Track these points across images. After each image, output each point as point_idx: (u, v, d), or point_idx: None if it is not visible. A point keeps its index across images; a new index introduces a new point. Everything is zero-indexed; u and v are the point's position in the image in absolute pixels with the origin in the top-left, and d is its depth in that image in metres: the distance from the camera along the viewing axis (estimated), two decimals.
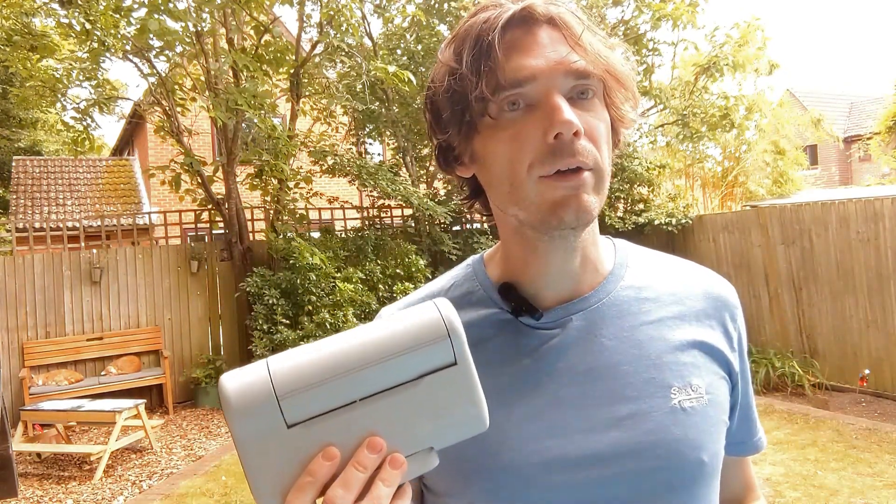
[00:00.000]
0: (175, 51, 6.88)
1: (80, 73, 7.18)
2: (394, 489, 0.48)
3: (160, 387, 7.09)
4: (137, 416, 5.37)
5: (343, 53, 8.02)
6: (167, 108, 7.18)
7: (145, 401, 5.64)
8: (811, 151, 21.88)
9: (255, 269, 7.13)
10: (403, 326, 0.50)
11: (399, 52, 8.77)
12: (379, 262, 7.58)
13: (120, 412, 5.11)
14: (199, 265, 7.49)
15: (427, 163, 9.44)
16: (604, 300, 0.70)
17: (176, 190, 7.13)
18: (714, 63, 9.24)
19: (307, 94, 8.28)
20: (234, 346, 7.56)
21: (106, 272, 7.09)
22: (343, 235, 8.14)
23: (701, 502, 0.67)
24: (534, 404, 0.65)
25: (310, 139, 8.26)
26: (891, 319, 5.77)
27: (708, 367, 0.69)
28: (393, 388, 0.49)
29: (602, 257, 0.73)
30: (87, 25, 6.55)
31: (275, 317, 6.72)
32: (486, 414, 0.52)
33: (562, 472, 0.63)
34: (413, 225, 8.60)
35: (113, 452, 5.20)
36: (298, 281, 6.71)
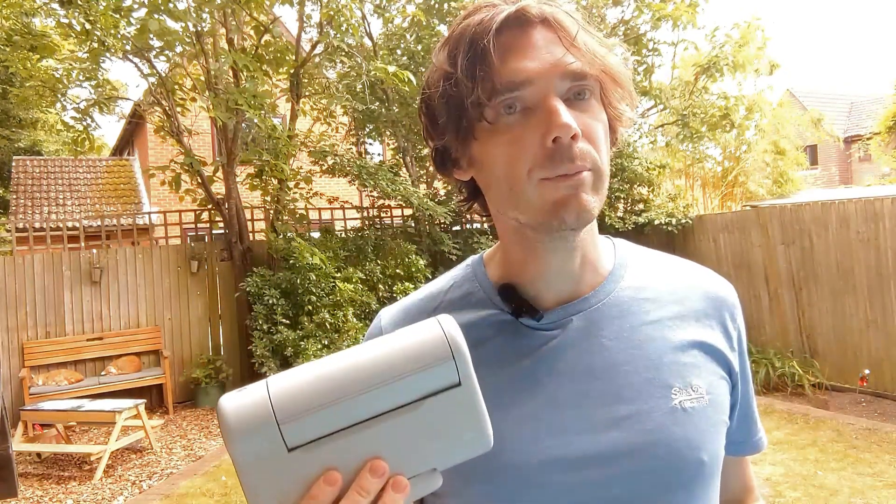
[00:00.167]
0: (175, 51, 6.88)
1: (80, 73, 7.17)
2: None
3: (160, 387, 7.09)
4: (137, 416, 5.38)
5: (343, 53, 8.02)
6: (167, 108, 7.18)
7: (145, 401, 5.64)
8: (811, 151, 21.88)
9: (255, 269, 7.13)
10: (406, 346, 0.49)
11: (399, 52, 8.77)
12: (379, 262, 7.58)
13: (120, 412, 5.11)
14: (199, 265, 7.49)
15: (427, 163, 9.43)
16: (604, 301, 0.70)
17: (176, 190, 7.13)
18: (714, 63, 9.24)
19: (307, 94, 8.28)
20: (234, 346, 7.56)
21: (106, 272, 7.09)
22: (343, 235, 8.14)
23: (701, 502, 0.66)
24: (533, 405, 0.65)
25: (310, 139, 8.26)
26: (891, 319, 5.77)
27: (708, 368, 0.69)
28: (395, 409, 0.48)
29: (602, 257, 0.73)
30: (87, 25, 6.55)
31: (275, 317, 6.72)
32: (491, 434, 0.51)
33: (561, 472, 0.63)
34: (413, 225, 8.60)
35: (113, 452, 5.20)
36: (298, 281, 6.71)
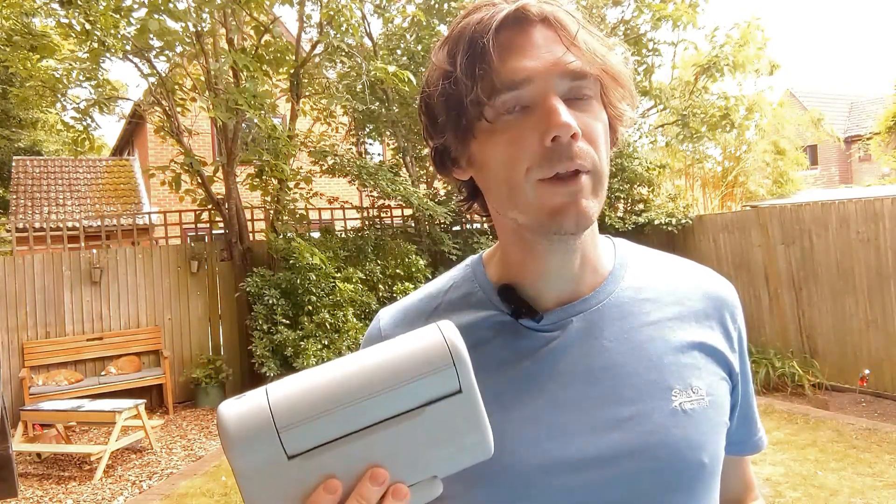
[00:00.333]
0: (175, 51, 6.88)
1: (80, 73, 7.17)
2: None
3: (160, 387, 7.09)
4: (137, 416, 5.37)
5: (343, 53, 8.02)
6: (167, 108, 7.18)
7: (145, 401, 5.64)
8: (811, 151, 21.88)
9: (255, 269, 7.13)
10: (407, 353, 0.49)
11: (399, 52, 8.77)
12: (379, 262, 7.58)
13: (120, 412, 5.11)
14: (199, 265, 7.49)
15: (427, 163, 9.43)
16: (604, 301, 0.70)
17: (176, 190, 7.13)
18: (714, 63, 9.24)
19: (307, 94, 8.28)
20: (234, 346, 7.56)
21: (106, 272, 7.09)
22: (343, 235, 8.14)
23: (701, 503, 0.66)
24: (533, 406, 0.65)
25: (310, 139, 8.26)
26: (891, 319, 5.77)
27: (708, 368, 0.69)
28: (396, 416, 0.48)
29: (602, 258, 0.73)
30: (87, 25, 6.55)
31: (275, 317, 6.72)
32: (492, 441, 0.51)
33: (561, 474, 0.63)
34: (413, 225, 8.60)
35: (113, 452, 5.20)
36: (298, 281, 6.70)
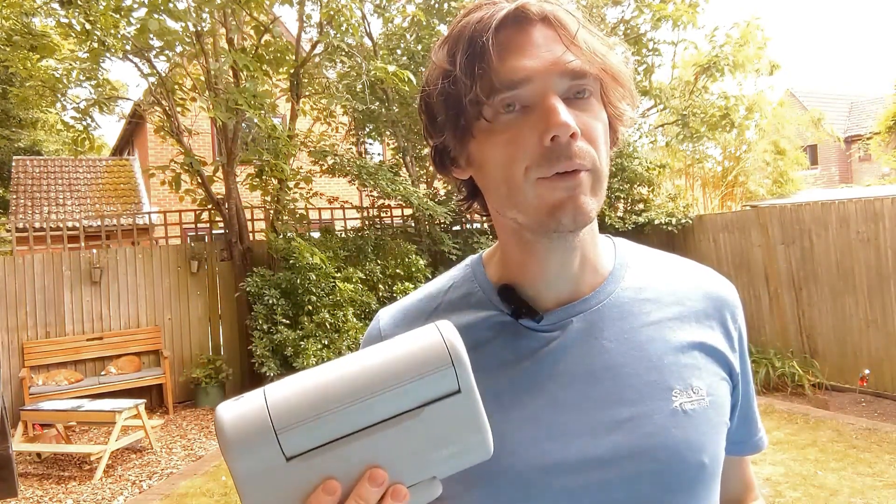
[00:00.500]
0: (175, 51, 6.88)
1: (80, 73, 7.17)
2: None
3: (160, 387, 7.09)
4: (137, 416, 5.37)
5: (343, 53, 8.02)
6: (167, 108, 7.18)
7: (145, 401, 5.64)
8: (811, 151, 21.88)
9: (255, 269, 7.13)
10: (405, 353, 0.49)
11: (399, 52, 8.77)
12: (379, 262, 7.58)
13: (120, 412, 5.11)
14: (199, 265, 7.49)
15: (427, 163, 9.43)
16: (604, 302, 0.69)
17: (176, 190, 7.13)
18: (714, 63, 9.24)
19: (307, 94, 8.28)
20: (234, 346, 7.56)
21: (106, 272, 7.09)
22: (343, 235, 8.14)
23: None
24: (533, 407, 0.65)
25: (310, 139, 8.26)
26: (891, 319, 5.77)
27: (709, 369, 0.69)
28: (394, 417, 0.48)
29: (602, 258, 0.72)
30: (87, 25, 6.55)
31: (275, 317, 6.72)
32: (491, 441, 0.51)
33: (561, 475, 0.62)
34: (413, 225, 8.60)
35: (113, 452, 5.20)
36: (298, 281, 6.70)
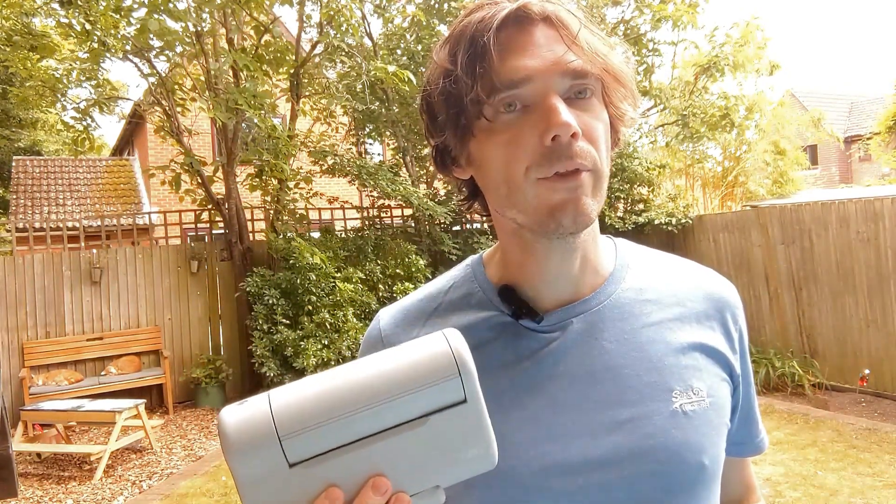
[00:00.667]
0: (175, 51, 6.88)
1: (80, 73, 7.18)
2: None
3: (160, 387, 7.09)
4: (137, 416, 5.37)
5: (343, 53, 8.02)
6: (167, 108, 7.18)
7: (145, 401, 5.64)
8: (811, 151, 21.88)
9: (255, 269, 7.13)
10: (412, 362, 0.48)
11: (399, 52, 8.77)
12: (379, 262, 7.58)
13: (120, 412, 5.11)
14: (199, 265, 7.49)
15: (427, 163, 9.43)
16: (604, 302, 0.69)
17: (176, 190, 7.13)
18: (714, 63, 9.24)
19: (307, 94, 8.28)
20: (234, 346, 7.56)
21: (106, 272, 7.09)
22: (343, 235, 8.14)
23: None
24: (533, 408, 0.65)
25: (310, 139, 8.26)
26: (891, 319, 5.77)
27: (709, 370, 0.69)
28: (399, 426, 0.47)
29: (602, 258, 0.72)
30: (87, 25, 6.55)
31: (275, 317, 6.72)
32: (496, 451, 0.50)
33: (561, 477, 0.62)
34: (413, 225, 8.60)
35: (113, 452, 5.20)
36: (298, 281, 6.70)
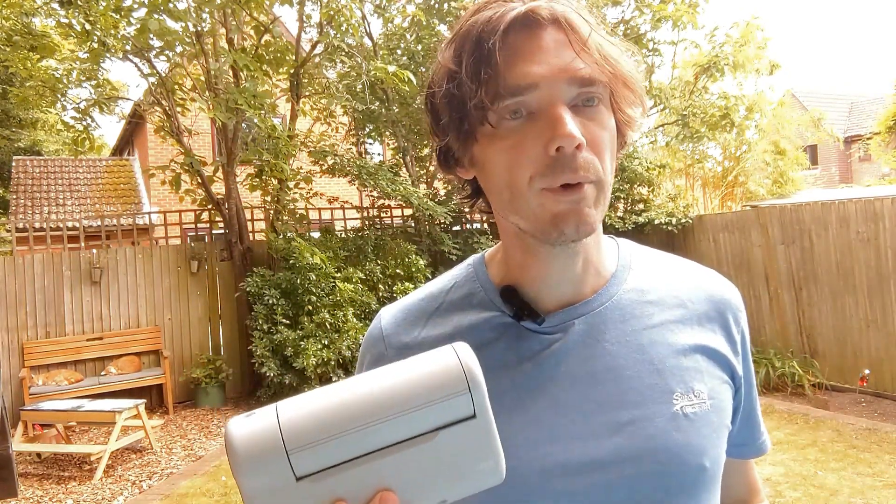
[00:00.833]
0: (175, 51, 6.88)
1: (80, 73, 7.18)
2: None
3: (160, 387, 7.09)
4: (137, 416, 5.37)
5: (343, 53, 8.02)
6: (167, 108, 7.18)
7: (145, 401, 5.64)
8: (811, 151, 21.88)
9: (255, 269, 7.13)
10: (421, 376, 0.48)
11: (399, 52, 8.77)
12: (379, 262, 7.58)
13: (120, 412, 5.11)
14: (199, 265, 7.49)
15: (427, 163, 9.44)
16: (606, 304, 0.69)
17: (176, 190, 7.13)
18: (714, 63, 9.25)
19: (307, 94, 8.28)
20: (234, 346, 7.56)
21: (106, 272, 7.09)
22: (343, 235, 8.14)
23: None
24: (534, 410, 0.65)
25: (310, 139, 8.26)
26: (891, 319, 5.77)
27: (711, 372, 0.69)
28: (407, 440, 0.47)
29: (605, 259, 0.72)
30: (87, 25, 6.55)
31: (275, 317, 6.72)
32: (504, 466, 0.50)
33: (562, 478, 0.62)
34: (413, 225, 8.60)
35: (113, 452, 5.20)
36: (298, 281, 6.70)
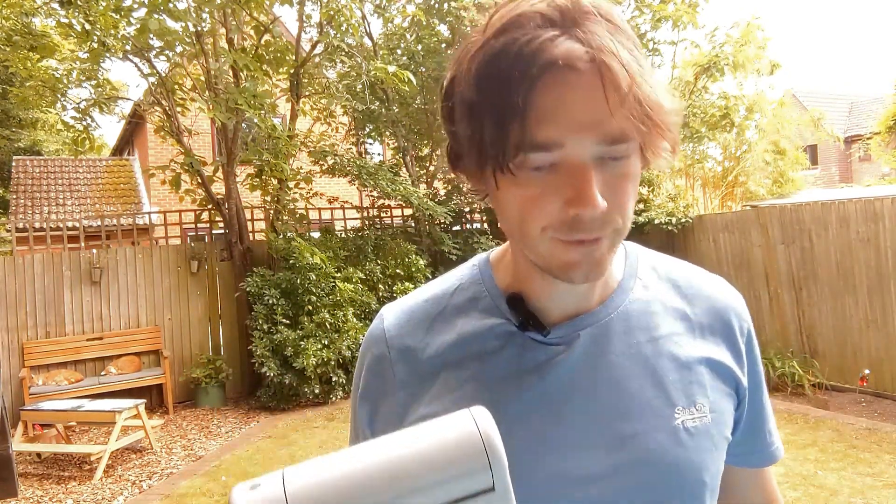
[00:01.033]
0: (175, 51, 6.88)
1: (80, 73, 7.18)
2: None
3: (160, 387, 7.09)
4: (137, 416, 5.37)
5: (343, 53, 8.03)
6: (167, 108, 7.19)
7: (145, 401, 5.64)
8: (811, 151, 21.89)
9: (255, 269, 7.13)
10: (438, 446, 0.46)
11: (399, 52, 8.78)
12: (379, 262, 7.59)
13: (120, 412, 5.11)
14: (199, 265, 7.49)
15: (427, 163, 9.44)
16: (612, 315, 0.68)
17: (176, 190, 7.13)
18: (714, 63, 9.25)
19: (307, 94, 8.28)
20: (234, 346, 7.56)
21: (106, 272, 7.09)
22: (343, 235, 8.14)
23: None
24: (537, 422, 0.64)
25: (310, 139, 8.27)
26: (891, 319, 5.77)
27: (714, 385, 0.68)
28: None
29: (612, 267, 0.70)
30: (87, 25, 6.55)
31: (275, 317, 6.72)
32: None
33: (563, 490, 0.62)
34: (413, 225, 8.61)
35: (113, 452, 5.20)
36: (298, 281, 6.71)
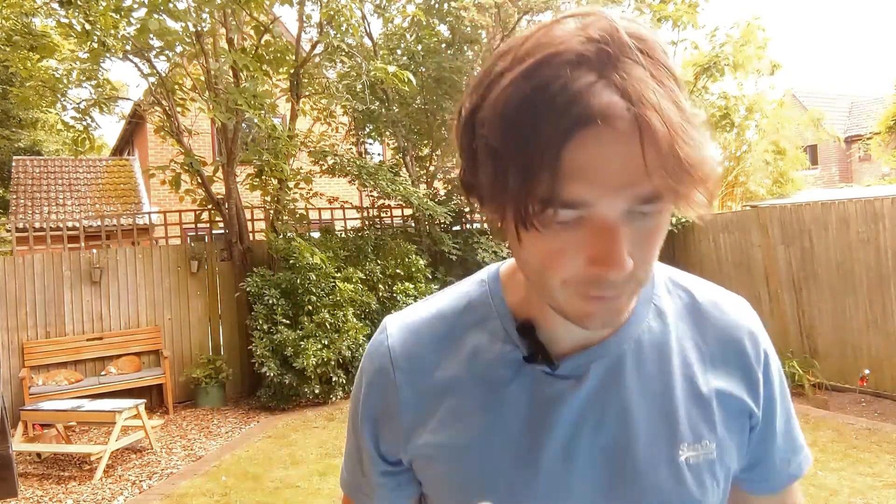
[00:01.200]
0: (175, 51, 6.88)
1: (80, 73, 7.18)
2: None
3: (160, 387, 7.09)
4: (137, 416, 5.37)
5: (343, 53, 8.03)
6: (167, 108, 7.19)
7: (145, 401, 5.64)
8: (811, 151, 21.89)
9: (255, 269, 7.13)
10: None
11: (399, 52, 8.78)
12: (379, 262, 7.59)
13: (120, 412, 5.11)
14: (199, 265, 7.49)
15: (427, 163, 9.44)
16: (624, 347, 0.66)
17: (176, 190, 7.14)
18: (714, 63, 9.25)
19: (307, 94, 8.28)
20: (234, 346, 7.56)
21: (106, 272, 7.09)
22: (343, 235, 8.14)
23: None
24: (542, 459, 0.64)
25: (310, 139, 8.27)
26: (891, 319, 5.77)
27: (723, 419, 0.67)
28: None
29: None
30: (87, 25, 6.56)
31: (275, 317, 6.72)
32: None
33: None
34: (413, 225, 8.61)
35: (113, 452, 5.20)
36: (298, 281, 6.71)
